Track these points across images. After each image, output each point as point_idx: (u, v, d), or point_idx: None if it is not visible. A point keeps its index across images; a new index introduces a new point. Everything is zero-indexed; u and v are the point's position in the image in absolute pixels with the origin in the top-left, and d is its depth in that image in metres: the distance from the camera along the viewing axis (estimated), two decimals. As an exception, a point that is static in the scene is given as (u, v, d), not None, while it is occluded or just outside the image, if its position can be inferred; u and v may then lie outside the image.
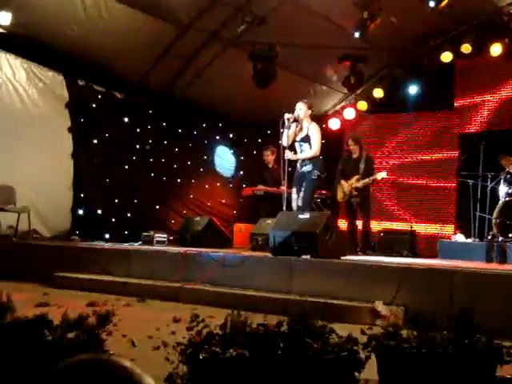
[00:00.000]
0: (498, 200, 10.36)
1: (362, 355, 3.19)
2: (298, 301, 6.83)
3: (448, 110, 13.26)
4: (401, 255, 11.18)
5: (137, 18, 11.05)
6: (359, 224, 11.46)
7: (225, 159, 15.03)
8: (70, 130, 12.27)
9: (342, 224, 12.29)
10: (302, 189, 9.61)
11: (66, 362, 0.89)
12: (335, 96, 14.55)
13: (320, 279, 7.40)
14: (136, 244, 10.99)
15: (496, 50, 11.83)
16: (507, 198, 10.21)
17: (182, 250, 9.23)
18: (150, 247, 10.54)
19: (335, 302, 6.75)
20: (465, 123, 13.06)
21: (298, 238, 8.05)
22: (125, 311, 6.46)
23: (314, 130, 9.63)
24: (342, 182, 11.34)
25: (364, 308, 6.54)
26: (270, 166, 12.44)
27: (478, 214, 10.98)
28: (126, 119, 13.24)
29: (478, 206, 10.98)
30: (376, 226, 12.71)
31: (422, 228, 13.03)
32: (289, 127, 9.50)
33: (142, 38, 11.61)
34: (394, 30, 11.45)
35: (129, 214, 13.08)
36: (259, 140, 14.93)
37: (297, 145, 9.71)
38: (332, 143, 13.62)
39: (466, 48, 11.99)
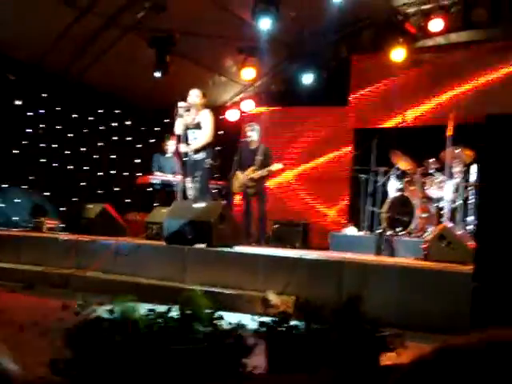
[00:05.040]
0: (388, 195, 10.68)
1: (252, 342, 3.21)
2: (190, 290, 6.82)
3: (343, 105, 13.52)
4: (294, 247, 11.33)
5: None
6: (254, 215, 11.54)
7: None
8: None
9: (237, 214, 12.35)
10: (197, 178, 9.70)
11: None
12: (234, 87, 14.58)
13: (213, 268, 7.42)
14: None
15: (398, 54, 12.06)
16: (396, 194, 10.53)
17: (73, 236, 9.06)
18: (40, 234, 10.29)
19: (228, 291, 6.79)
20: (359, 119, 13.35)
21: (192, 226, 8.05)
22: (12, 298, 6.29)
23: (206, 117, 9.77)
24: (239, 172, 11.38)
25: (256, 297, 6.60)
26: (169, 154, 12.35)
27: (369, 207, 11.27)
28: (18, 102, 12.83)
29: (370, 200, 11.27)
30: (271, 217, 12.82)
31: (315, 220, 13.23)
32: (182, 116, 9.62)
33: (39, 19, 11.25)
34: (293, 23, 11.58)
35: (17, 200, 12.69)
36: (156, 128, 14.79)
37: (189, 133, 9.84)
38: (230, 134, 13.67)
39: (363, 45, 12.27)
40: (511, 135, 5.43)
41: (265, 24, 10.84)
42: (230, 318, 3.43)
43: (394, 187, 10.67)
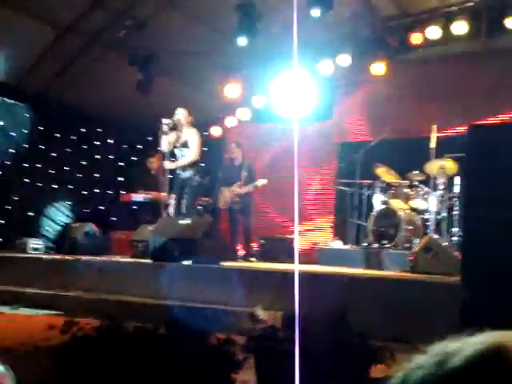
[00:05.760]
0: (373, 208, 10.69)
1: (240, 357, 3.19)
2: (177, 307, 6.78)
3: (327, 120, 13.53)
4: (281, 262, 11.28)
5: (9, 18, 10.64)
6: (240, 230, 11.52)
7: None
8: None
9: (224, 230, 12.31)
10: (185, 195, 9.69)
11: None
12: (218, 103, 14.56)
13: (200, 285, 7.39)
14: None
15: (379, 69, 12.13)
16: (382, 206, 10.54)
17: (58, 256, 9.00)
18: (24, 254, 10.20)
19: (215, 307, 6.75)
20: (343, 133, 13.39)
21: (178, 243, 8.02)
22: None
23: (193, 136, 9.81)
24: (224, 188, 11.38)
25: (244, 313, 6.56)
26: (153, 172, 12.32)
27: (354, 221, 11.28)
28: (1, 123, 12.76)
29: (355, 213, 11.28)
30: (257, 232, 12.77)
31: (302, 235, 13.20)
32: (167, 133, 9.65)
33: (19, 39, 11.21)
34: (275, 39, 11.61)
35: (1, 221, 12.60)
36: (139, 146, 14.76)
37: (177, 151, 9.86)
38: (213, 150, 13.67)
39: (344, 59, 12.25)
40: (493, 145, 5.45)
41: (242, 41, 10.94)
42: (218, 334, 3.40)
43: (378, 200, 10.68)
